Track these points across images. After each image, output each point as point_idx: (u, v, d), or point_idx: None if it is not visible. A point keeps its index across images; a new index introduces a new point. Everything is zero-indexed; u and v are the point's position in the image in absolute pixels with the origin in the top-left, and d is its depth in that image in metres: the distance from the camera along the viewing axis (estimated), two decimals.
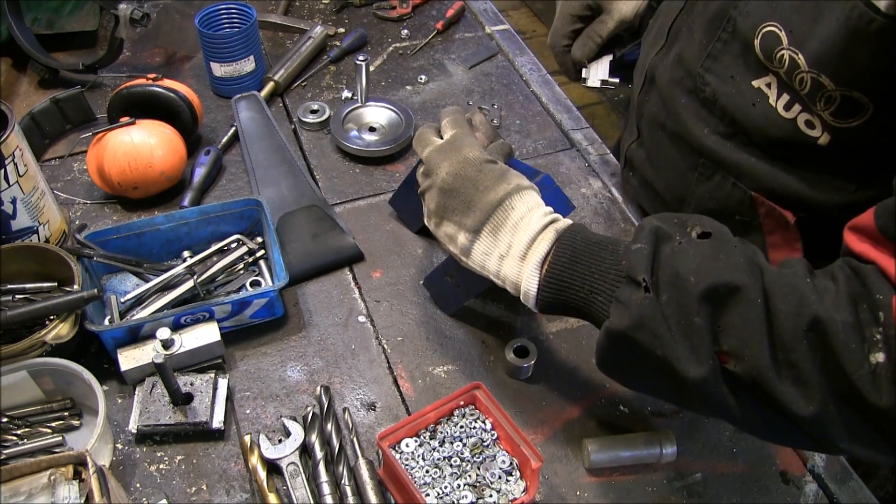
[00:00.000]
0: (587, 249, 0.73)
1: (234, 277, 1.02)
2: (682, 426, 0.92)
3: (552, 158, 1.28)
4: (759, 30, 0.81)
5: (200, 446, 0.88)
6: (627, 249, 0.69)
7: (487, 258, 0.79)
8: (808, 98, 0.79)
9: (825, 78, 0.76)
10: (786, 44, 0.78)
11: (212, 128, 1.29)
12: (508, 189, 0.78)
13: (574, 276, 0.73)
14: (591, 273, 0.71)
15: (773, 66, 0.81)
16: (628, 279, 0.67)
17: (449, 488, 0.81)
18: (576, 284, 0.73)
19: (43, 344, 0.85)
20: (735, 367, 0.64)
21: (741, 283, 0.63)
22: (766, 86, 0.84)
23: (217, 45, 1.27)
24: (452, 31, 1.55)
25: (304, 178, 1.18)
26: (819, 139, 0.81)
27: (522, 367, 0.94)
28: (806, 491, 0.87)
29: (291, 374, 0.95)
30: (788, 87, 0.82)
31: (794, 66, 0.78)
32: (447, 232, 0.82)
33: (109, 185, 1.11)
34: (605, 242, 0.73)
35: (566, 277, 0.73)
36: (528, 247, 0.76)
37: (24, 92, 1.33)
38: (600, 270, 0.71)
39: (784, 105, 0.83)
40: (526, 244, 0.76)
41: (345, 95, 1.36)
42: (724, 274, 0.64)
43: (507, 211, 0.78)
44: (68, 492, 0.72)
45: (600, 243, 0.73)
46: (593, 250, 0.72)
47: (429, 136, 0.87)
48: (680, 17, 0.98)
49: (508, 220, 0.77)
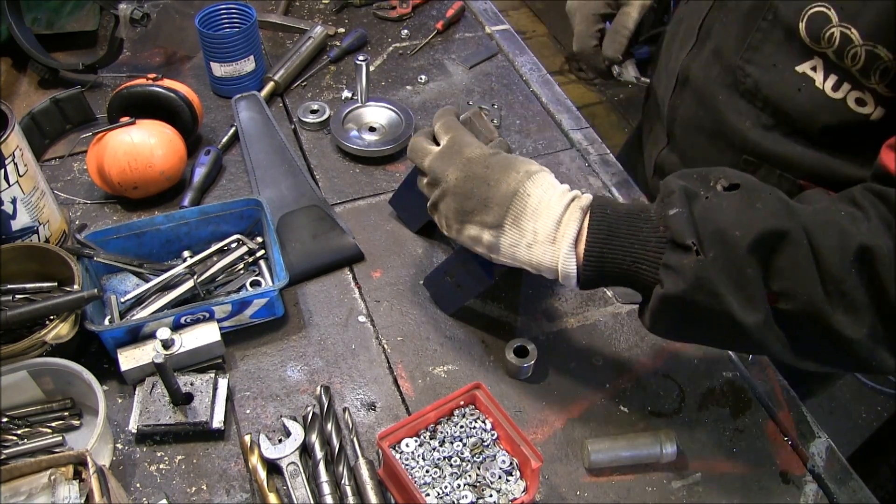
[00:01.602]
0: (622, 221, 0.73)
1: (234, 277, 1.02)
2: (682, 426, 0.92)
3: (552, 158, 1.28)
4: (804, 13, 0.82)
5: (200, 446, 0.88)
6: (664, 215, 0.70)
7: (516, 249, 0.79)
8: (861, 73, 0.80)
9: (882, 49, 0.77)
10: (836, 21, 0.80)
11: (212, 128, 1.29)
12: (519, 177, 0.78)
13: (615, 251, 0.73)
14: (632, 244, 0.72)
15: (822, 46, 0.82)
16: (673, 244, 0.69)
17: (449, 488, 0.81)
18: (618, 258, 0.73)
19: (43, 344, 0.85)
20: (787, 305, 0.67)
21: (785, 227, 0.66)
22: (811, 69, 0.86)
23: (217, 45, 1.27)
24: (452, 31, 1.55)
25: (304, 178, 1.18)
26: (871, 115, 0.83)
27: (522, 367, 0.94)
28: (806, 491, 0.88)
29: (291, 374, 0.95)
30: (837, 67, 0.83)
31: (847, 42, 0.79)
32: (471, 234, 0.81)
33: (109, 185, 1.11)
34: (637, 211, 0.74)
35: (606, 253, 0.73)
36: (556, 229, 0.75)
37: (24, 92, 1.33)
38: (640, 240, 0.72)
39: (832, 86, 0.84)
40: (552, 227, 0.75)
41: (345, 95, 1.36)
42: (767, 222, 0.66)
43: (523, 199, 0.77)
44: (68, 492, 0.72)
45: (632, 213, 0.73)
46: (629, 221, 0.73)
47: (424, 145, 0.85)
48: (711, 14, 0.99)
49: (527, 207, 0.77)
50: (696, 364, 0.99)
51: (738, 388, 0.97)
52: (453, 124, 0.86)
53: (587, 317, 1.04)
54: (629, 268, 0.73)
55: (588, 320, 1.03)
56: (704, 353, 1.00)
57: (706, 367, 0.99)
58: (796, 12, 0.84)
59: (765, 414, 0.94)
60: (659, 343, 1.01)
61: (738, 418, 0.94)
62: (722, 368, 0.99)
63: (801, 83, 0.87)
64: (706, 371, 0.98)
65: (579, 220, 0.75)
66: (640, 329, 1.02)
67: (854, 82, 0.83)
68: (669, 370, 0.98)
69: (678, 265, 0.68)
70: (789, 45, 0.87)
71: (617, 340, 1.01)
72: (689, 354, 1.00)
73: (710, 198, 0.69)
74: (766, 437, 0.92)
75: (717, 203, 0.69)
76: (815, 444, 0.92)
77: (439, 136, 0.86)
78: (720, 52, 0.97)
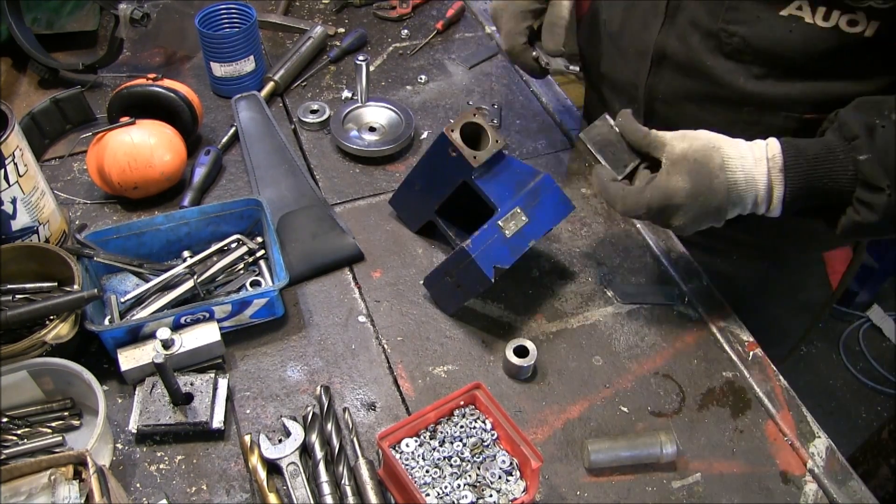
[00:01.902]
0: (816, 166, 0.84)
1: (234, 277, 1.02)
2: (682, 426, 0.92)
3: (552, 158, 1.28)
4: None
5: (200, 446, 0.88)
6: (856, 159, 0.82)
7: None
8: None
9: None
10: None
11: (212, 128, 1.29)
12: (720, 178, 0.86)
13: (813, 195, 0.85)
14: (826, 184, 0.84)
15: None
16: (866, 184, 0.82)
17: (449, 488, 0.81)
18: (816, 196, 0.85)
19: (43, 344, 0.85)
20: None
21: None
22: (796, 9, 0.88)
23: (217, 45, 1.27)
24: (452, 31, 1.55)
25: (304, 178, 1.18)
26: (865, 32, 0.86)
27: (522, 367, 0.94)
28: (806, 491, 0.88)
29: (291, 374, 0.95)
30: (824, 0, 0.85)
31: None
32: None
33: (109, 185, 1.11)
34: (825, 153, 0.84)
35: (807, 198, 0.85)
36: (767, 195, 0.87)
37: (24, 92, 1.33)
38: (833, 179, 0.84)
39: (822, 16, 0.87)
40: (765, 195, 0.86)
41: (345, 95, 1.36)
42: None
43: (735, 188, 0.86)
44: (68, 492, 0.72)
45: (820, 156, 0.84)
46: (820, 164, 0.84)
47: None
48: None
49: (742, 193, 0.87)
50: (696, 364, 0.99)
51: (738, 388, 0.97)
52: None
53: (587, 317, 1.04)
54: (824, 202, 0.86)
55: (588, 320, 1.03)
56: (704, 353, 1.00)
57: (706, 367, 0.99)
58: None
59: (765, 414, 0.94)
60: (659, 343, 1.01)
61: (738, 418, 0.94)
62: (722, 368, 0.99)
63: (791, 24, 0.89)
64: (706, 371, 0.98)
65: (782, 181, 0.85)
66: (640, 329, 1.02)
67: (843, 7, 0.85)
68: (669, 370, 0.98)
69: (871, 202, 0.82)
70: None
71: (617, 340, 1.01)
72: (689, 354, 1.00)
73: (888, 127, 0.81)
74: (766, 437, 0.92)
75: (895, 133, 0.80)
76: (815, 444, 0.92)
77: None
78: (697, 22, 0.98)
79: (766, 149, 0.86)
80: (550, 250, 1.12)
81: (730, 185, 0.85)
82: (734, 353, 1.00)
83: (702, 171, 0.86)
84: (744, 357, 1.00)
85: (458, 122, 0.97)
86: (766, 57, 0.94)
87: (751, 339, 1.02)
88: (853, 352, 2.52)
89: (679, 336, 1.02)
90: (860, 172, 0.82)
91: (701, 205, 0.87)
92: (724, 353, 1.01)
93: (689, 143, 0.87)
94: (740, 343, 1.02)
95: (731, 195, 0.86)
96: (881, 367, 2.47)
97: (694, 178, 0.86)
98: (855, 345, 2.53)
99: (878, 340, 2.55)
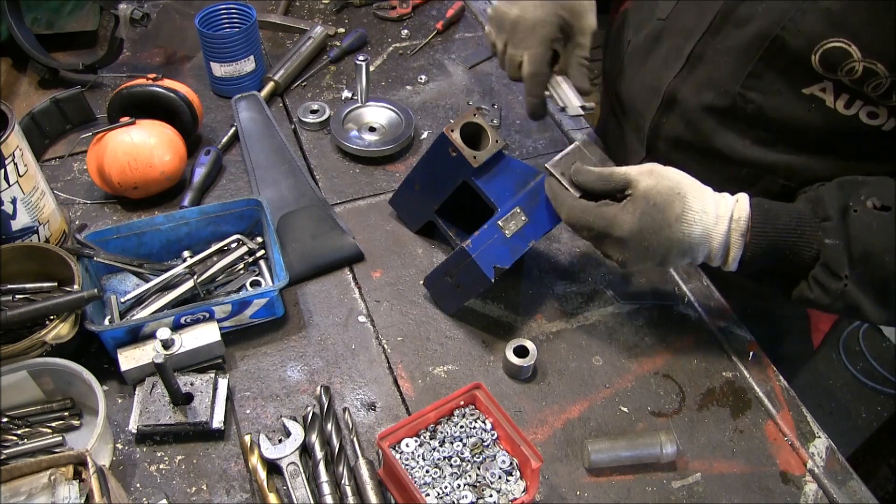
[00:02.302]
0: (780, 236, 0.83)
1: (234, 277, 1.02)
2: (682, 426, 0.92)
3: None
4: (819, 47, 0.82)
5: (200, 446, 0.88)
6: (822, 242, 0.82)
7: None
8: (883, 97, 0.81)
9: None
10: (858, 57, 0.80)
11: (212, 128, 1.29)
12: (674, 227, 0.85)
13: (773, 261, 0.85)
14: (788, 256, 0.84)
15: (837, 76, 0.83)
16: (826, 268, 0.82)
17: (449, 488, 0.81)
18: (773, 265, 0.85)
19: (43, 344, 0.85)
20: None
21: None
22: (819, 91, 0.86)
23: (217, 45, 1.27)
24: (452, 31, 1.55)
25: (304, 178, 1.18)
26: (884, 126, 0.85)
27: (522, 367, 0.94)
28: (806, 491, 0.88)
29: (291, 374, 0.95)
30: (850, 89, 0.83)
31: (871, 75, 0.80)
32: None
33: (109, 185, 1.11)
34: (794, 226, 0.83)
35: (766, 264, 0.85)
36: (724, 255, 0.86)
37: (24, 92, 1.33)
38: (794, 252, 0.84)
39: (844, 104, 0.85)
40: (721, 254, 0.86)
41: (345, 95, 1.36)
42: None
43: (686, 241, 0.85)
44: (68, 492, 0.72)
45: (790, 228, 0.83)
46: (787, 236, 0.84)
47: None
48: (703, 39, 0.97)
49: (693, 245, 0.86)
50: (696, 364, 0.99)
51: (738, 388, 0.97)
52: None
53: (587, 317, 1.04)
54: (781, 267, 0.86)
55: (588, 320, 1.03)
56: (704, 353, 1.00)
57: (706, 367, 0.99)
58: (807, 46, 0.83)
59: (765, 414, 0.94)
60: (659, 343, 1.01)
61: (738, 418, 0.94)
62: (722, 368, 0.99)
63: (811, 104, 0.87)
64: (706, 371, 0.98)
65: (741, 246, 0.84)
66: (640, 329, 1.02)
67: (867, 99, 0.83)
68: (669, 370, 0.98)
69: (827, 286, 0.82)
70: (795, 72, 0.87)
71: (617, 340, 1.01)
72: (689, 354, 1.00)
73: (860, 213, 0.80)
74: (766, 437, 0.92)
75: (868, 222, 0.80)
76: (815, 444, 0.92)
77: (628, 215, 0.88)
78: (715, 79, 0.96)
79: (734, 208, 0.84)
80: (550, 250, 1.12)
81: (682, 238, 0.84)
82: (734, 353, 1.00)
83: (656, 217, 0.83)
84: (744, 357, 1.00)
85: (458, 122, 0.97)
86: (779, 128, 0.92)
87: (751, 339, 1.02)
88: (853, 352, 2.52)
89: (679, 336, 1.02)
90: (823, 255, 0.82)
91: (644, 249, 0.85)
92: (724, 353, 1.01)
93: (655, 182, 0.84)
94: (740, 343, 1.02)
95: (680, 246, 0.85)
96: (881, 367, 2.47)
97: (645, 221, 0.84)
98: (855, 345, 2.53)
99: (878, 340, 2.55)
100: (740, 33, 0.91)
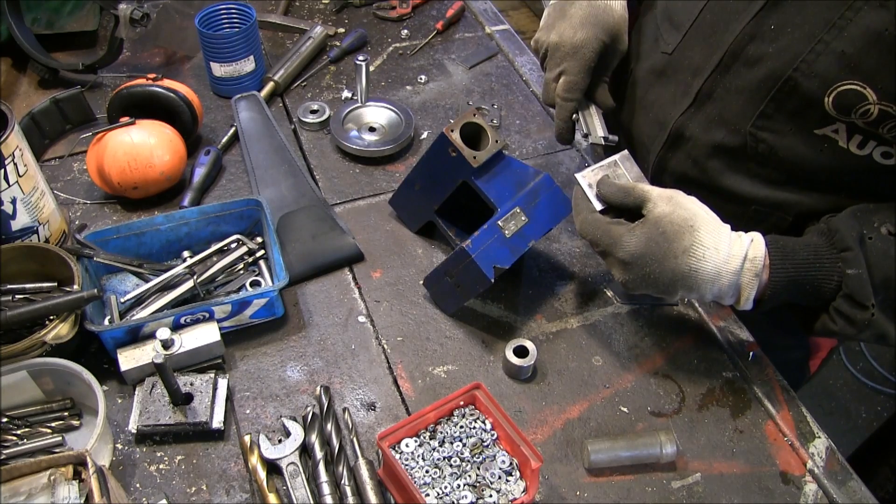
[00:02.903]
0: (800, 271, 0.83)
1: (234, 277, 1.02)
2: (682, 426, 0.92)
3: (552, 158, 1.28)
4: (833, 89, 0.81)
5: (200, 446, 0.87)
6: (844, 272, 0.81)
7: None
8: (895, 137, 0.80)
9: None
10: (874, 100, 0.78)
11: (212, 128, 1.29)
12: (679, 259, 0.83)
13: (792, 294, 0.84)
14: (809, 291, 0.84)
15: (851, 118, 0.81)
16: (850, 299, 0.81)
17: (449, 488, 0.81)
18: (794, 297, 0.84)
19: (43, 344, 0.85)
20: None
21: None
22: (832, 132, 0.85)
23: (217, 45, 1.27)
24: (452, 31, 1.55)
25: (304, 178, 1.18)
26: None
27: (522, 367, 0.94)
28: (806, 491, 0.88)
29: (291, 374, 0.95)
30: (864, 131, 0.82)
31: (886, 118, 0.79)
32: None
33: (109, 185, 1.11)
34: (813, 259, 0.82)
35: (785, 296, 0.84)
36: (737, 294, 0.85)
37: (24, 92, 1.33)
38: (815, 287, 0.83)
39: (857, 145, 0.84)
40: (733, 293, 0.85)
41: (345, 95, 1.36)
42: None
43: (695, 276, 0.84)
44: (68, 492, 0.72)
45: (809, 261, 0.83)
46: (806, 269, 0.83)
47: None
48: (712, 77, 0.94)
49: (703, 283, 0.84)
50: (696, 364, 0.99)
51: (738, 388, 0.97)
52: None
53: (587, 317, 1.04)
54: (799, 302, 0.85)
55: (588, 320, 1.03)
56: (704, 353, 1.00)
57: (706, 367, 0.99)
58: (821, 88, 0.82)
59: (765, 414, 0.94)
60: (659, 343, 1.01)
61: (738, 418, 0.94)
62: (722, 368, 0.99)
63: (823, 144, 0.86)
64: (706, 371, 0.98)
65: (755, 286, 0.83)
66: (640, 329, 1.02)
67: (881, 140, 0.82)
68: (669, 370, 0.98)
69: (853, 317, 0.81)
70: (807, 114, 0.85)
71: (617, 340, 1.01)
72: (689, 354, 1.00)
73: (875, 240, 0.80)
74: (766, 437, 0.92)
75: (885, 249, 0.79)
76: (814, 444, 0.92)
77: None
78: (725, 117, 0.94)
79: (749, 247, 0.83)
80: (550, 250, 1.12)
81: (688, 272, 0.83)
82: (734, 353, 1.00)
83: (662, 245, 0.82)
84: (744, 357, 1.00)
85: (458, 122, 0.97)
86: (789, 168, 0.91)
87: (751, 339, 1.02)
88: (853, 352, 2.51)
89: (679, 336, 1.02)
90: (846, 286, 0.81)
91: (646, 275, 0.84)
92: (724, 353, 1.01)
93: (671, 210, 0.83)
94: (740, 343, 1.02)
95: (685, 281, 0.83)
96: (881, 367, 2.47)
97: (650, 247, 0.83)
98: (855, 345, 2.53)
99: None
100: (751, 73, 0.89)
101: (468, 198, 1.00)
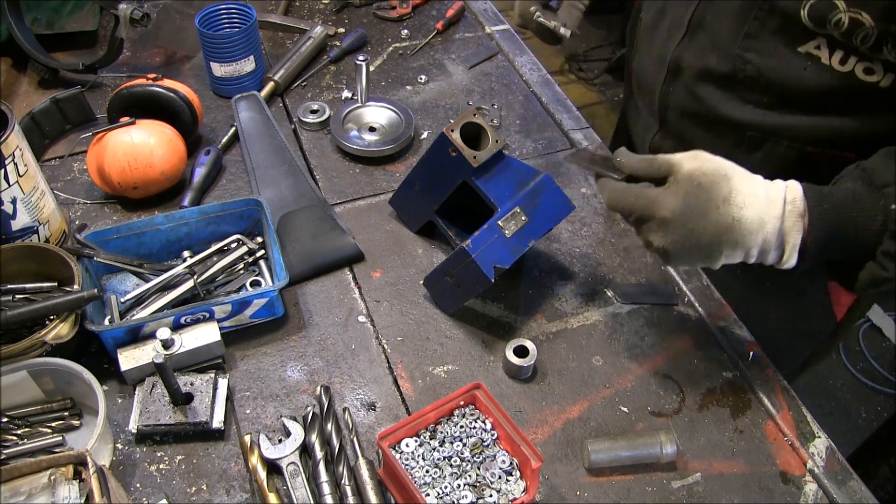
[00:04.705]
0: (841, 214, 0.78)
1: (234, 277, 1.02)
2: (682, 426, 0.92)
3: (552, 158, 1.28)
4: (805, 2, 0.83)
5: (200, 446, 0.88)
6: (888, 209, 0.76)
7: None
8: (872, 49, 0.82)
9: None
10: (843, 8, 0.80)
11: (212, 128, 1.29)
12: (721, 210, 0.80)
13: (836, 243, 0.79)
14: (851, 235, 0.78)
15: (827, 30, 0.84)
16: None
17: (449, 488, 0.81)
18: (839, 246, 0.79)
19: (43, 344, 0.85)
20: None
21: None
22: (814, 48, 0.87)
23: (217, 45, 1.27)
24: (452, 31, 1.55)
25: (304, 178, 1.18)
26: (880, 82, 0.85)
27: (522, 367, 0.94)
28: (806, 491, 0.88)
29: (291, 374, 0.95)
30: (843, 44, 0.84)
31: (856, 26, 0.81)
32: None
33: (109, 185, 1.11)
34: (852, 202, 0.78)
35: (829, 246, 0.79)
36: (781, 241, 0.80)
37: (24, 92, 1.33)
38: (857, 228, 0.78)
39: (839, 60, 0.86)
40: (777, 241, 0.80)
41: (345, 95, 1.36)
42: None
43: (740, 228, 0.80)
44: (68, 492, 0.72)
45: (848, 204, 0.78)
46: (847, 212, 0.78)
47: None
48: (700, 6, 0.99)
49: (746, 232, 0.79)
50: (696, 364, 0.99)
51: (738, 388, 0.97)
52: None
53: (587, 317, 1.04)
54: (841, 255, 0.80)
55: (588, 320, 1.03)
56: (704, 353, 1.00)
57: (706, 367, 0.99)
58: (795, 1, 0.85)
59: (765, 414, 0.94)
60: (659, 343, 1.01)
61: (738, 418, 0.94)
62: (722, 368, 0.99)
63: (806, 63, 0.89)
64: (706, 371, 0.98)
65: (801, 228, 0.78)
66: (640, 329, 1.02)
67: (861, 55, 0.84)
68: (669, 370, 0.98)
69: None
70: (789, 31, 0.88)
71: (617, 340, 1.01)
72: (689, 354, 1.00)
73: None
74: (766, 437, 0.92)
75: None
76: (814, 444, 0.92)
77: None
78: (716, 43, 0.98)
79: (786, 190, 0.79)
80: (550, 250, 1.12)
81: (731, 223, 0.78)
82: (734, 353, 1.00)
83: (701, 196, 0.78)
84: (744, 357, 1.00)
85: (458, 122, 0.97)
86: (777, 89, 0.93)
87: (751, 339, 1.02)
88: (853, 352, 2.52)
89: (679, 336, 1.02)
90: (892, 222, 0.75)
91: (689, 232, 0.79)
92: (724, 353, 1.01)
93: (700, 164, 0.80)
94: (740, 343, 1.02)
95: (730, 233, 0.78)
96: (881, 367, 2.47)
97: (690, 201, 0.78)
98: (855, 345, 2.53)
99: (878, 340, 2.55)
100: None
101: (468, 198, 1.00)
